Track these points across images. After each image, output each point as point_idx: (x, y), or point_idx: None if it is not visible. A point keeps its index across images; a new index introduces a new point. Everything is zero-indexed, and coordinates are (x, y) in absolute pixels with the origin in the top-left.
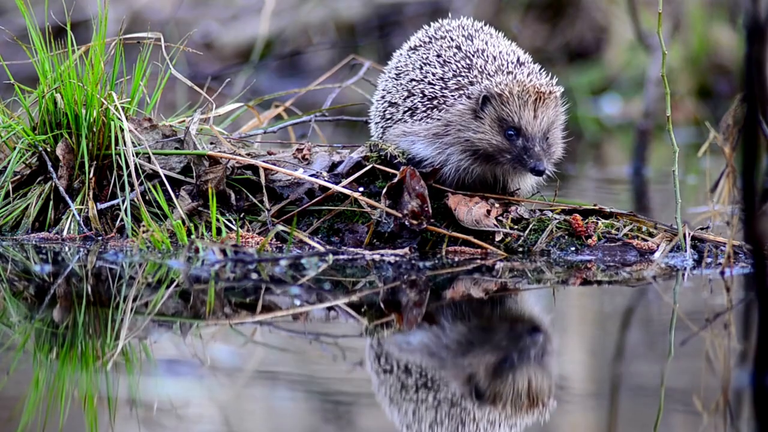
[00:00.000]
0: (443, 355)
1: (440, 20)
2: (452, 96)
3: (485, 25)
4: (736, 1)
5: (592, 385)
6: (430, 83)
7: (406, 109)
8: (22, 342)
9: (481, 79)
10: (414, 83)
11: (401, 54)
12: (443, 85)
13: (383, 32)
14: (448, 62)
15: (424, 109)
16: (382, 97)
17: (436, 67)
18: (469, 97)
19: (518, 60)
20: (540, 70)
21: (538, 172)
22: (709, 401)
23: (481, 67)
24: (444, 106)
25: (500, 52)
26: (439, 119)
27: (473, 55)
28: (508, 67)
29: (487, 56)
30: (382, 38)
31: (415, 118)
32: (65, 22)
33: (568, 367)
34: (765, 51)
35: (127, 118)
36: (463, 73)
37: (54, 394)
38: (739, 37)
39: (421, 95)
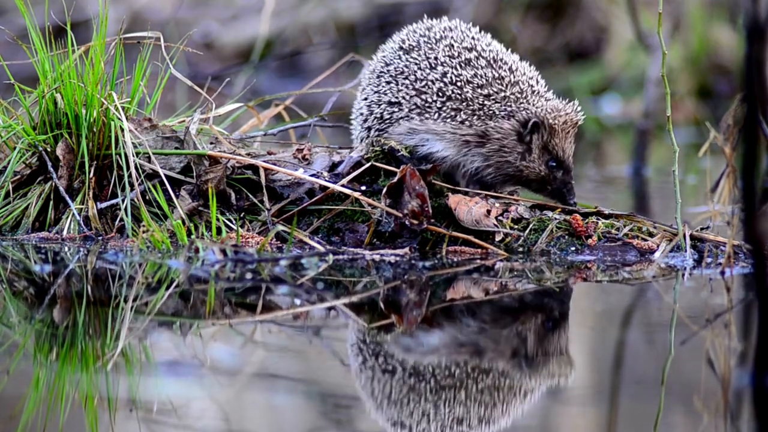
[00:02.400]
0: (443, 357)
1: (426, 20)
2: (488, 107)
3: (474, 25)
4: (736, 1)
5: (592, 384)
6: (452, 83)
7: (414, 106)
8: (23, 342)
9: (519, 97)
10: (425, 83)
11: (393, 56)
12: (479, 92)
13: (383, 32)
14: (471, 65)
15: (441, 107)
16: (379, 99)
17: (458, 69)
18: (512, 116)
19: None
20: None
21: (573, 205)
22: (709, 401)
23: (512, 81)
24: (479, 112)
25: (513, 62)
26: (467, 123)
27: (494, 64)
28: (529, 84)
29: (509, 70)
30: (382, 38)
31: (425, 116)
32: (65, 22)
33: (567, 367)
34: (765, 51)
35: (127, 118)
36: (495, 85)
37: (54, 394)
38: (739, 37)
39: (438, 94)
